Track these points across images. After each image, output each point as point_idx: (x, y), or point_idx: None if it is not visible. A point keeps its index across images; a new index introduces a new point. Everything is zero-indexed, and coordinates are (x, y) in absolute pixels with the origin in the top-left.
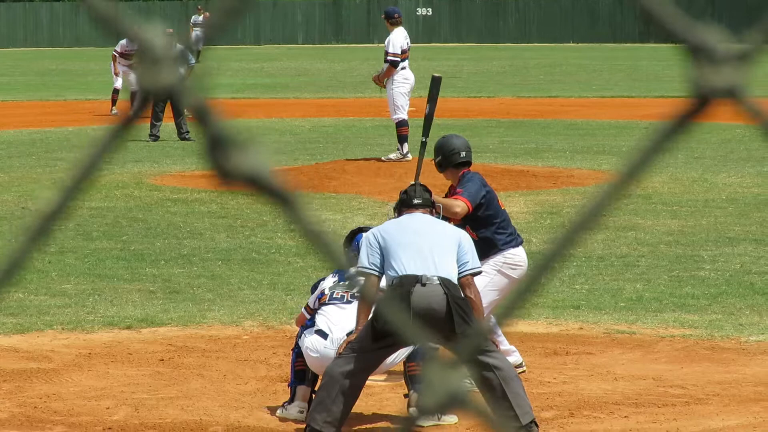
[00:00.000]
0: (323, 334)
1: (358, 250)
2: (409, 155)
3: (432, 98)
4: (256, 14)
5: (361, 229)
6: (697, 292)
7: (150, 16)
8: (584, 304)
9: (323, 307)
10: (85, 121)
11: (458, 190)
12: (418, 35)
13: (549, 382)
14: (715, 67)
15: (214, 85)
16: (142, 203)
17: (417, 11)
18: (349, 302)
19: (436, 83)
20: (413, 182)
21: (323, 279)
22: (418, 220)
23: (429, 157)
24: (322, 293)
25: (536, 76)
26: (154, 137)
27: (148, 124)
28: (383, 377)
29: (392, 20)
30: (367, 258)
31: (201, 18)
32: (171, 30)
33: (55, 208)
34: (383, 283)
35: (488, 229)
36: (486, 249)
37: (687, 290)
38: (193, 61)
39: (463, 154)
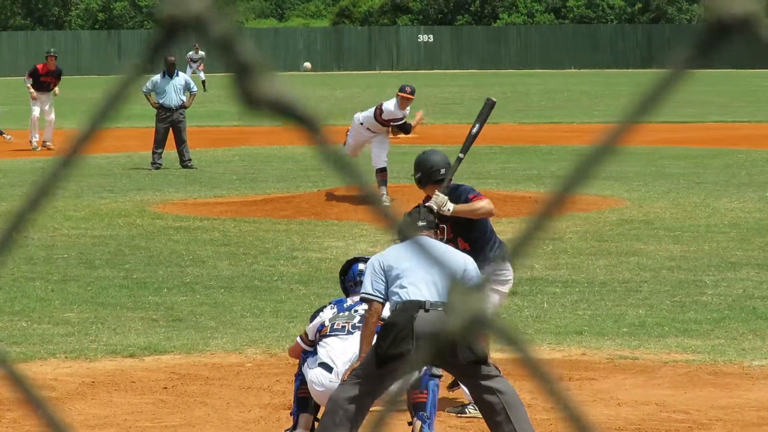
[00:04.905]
0: (327, 368)
1: (353, 281)
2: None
3: (480, 119)
4: (257, 42)
5: (357, 260)
6: (700, 317)
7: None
8: (587, 329)
9: (324, 339)
10: (85, 149)
11: (470, 196)
12: (419, 62)
13: (552, 408)
14: None
15: (217, 113)
16: (145, 231)
17: (418, 38)
18: (350, 333)
19: (488, 106)
20: (418, 205)
21: (322, 309)
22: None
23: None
24: (322, 325)
25: (538, 102)
26: (157, 165)
27: (150, 152)
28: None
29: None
30: (371, 284)
31: (197, 54)
32: (173, 58)
33: (83, 135)
34: (386, 311)
35: (478, 241)
36: (476, 261)
37: (690, 315)
38: (195, 89)
39: (442, 171)
